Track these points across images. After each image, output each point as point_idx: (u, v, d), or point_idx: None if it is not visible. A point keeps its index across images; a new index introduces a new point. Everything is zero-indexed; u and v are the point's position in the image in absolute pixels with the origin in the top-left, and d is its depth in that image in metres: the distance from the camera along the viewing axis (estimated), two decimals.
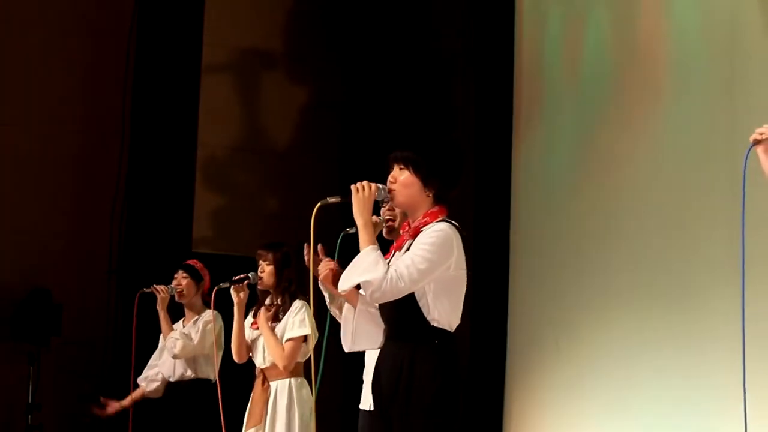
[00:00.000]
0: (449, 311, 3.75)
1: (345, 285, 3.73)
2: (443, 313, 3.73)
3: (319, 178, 9.43)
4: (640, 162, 7.01)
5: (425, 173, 3.80)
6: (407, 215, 3.92)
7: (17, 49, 8.93)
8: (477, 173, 8.38)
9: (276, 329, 5.73)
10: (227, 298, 5.80)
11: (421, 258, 3.66)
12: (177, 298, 6.82)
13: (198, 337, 6.65)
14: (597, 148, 7.41)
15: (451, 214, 3.84)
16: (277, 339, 5.70)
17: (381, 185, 3.82)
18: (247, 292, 5.81)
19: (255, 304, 5.88)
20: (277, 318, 5.75)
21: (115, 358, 8.75)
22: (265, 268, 5.79)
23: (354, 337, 3.94)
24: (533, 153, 7.93)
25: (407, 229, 3.87)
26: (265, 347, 5.76)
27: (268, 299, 5.85)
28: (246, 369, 5.95)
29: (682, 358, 6.53)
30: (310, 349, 5.72)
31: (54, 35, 9.06)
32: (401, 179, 3.82)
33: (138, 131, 9.21)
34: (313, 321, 5.53)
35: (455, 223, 3.79)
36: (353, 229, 3.86)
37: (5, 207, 8.79)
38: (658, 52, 7.02)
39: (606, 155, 7.31)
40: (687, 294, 6.55)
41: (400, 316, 3.74)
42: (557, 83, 7.83)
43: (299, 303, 5.72)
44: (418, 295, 3.71)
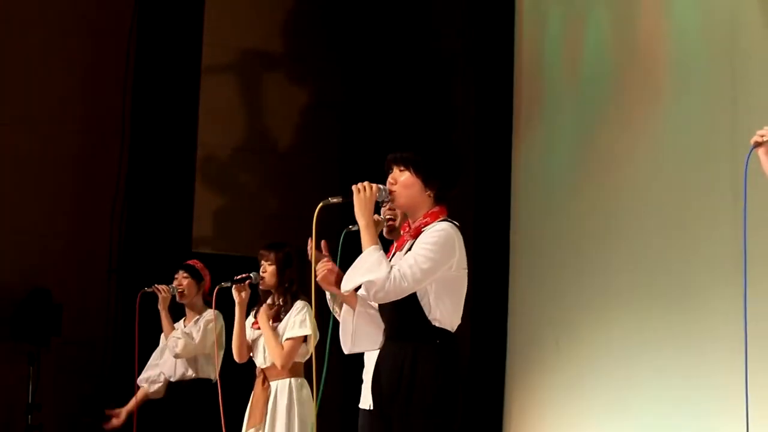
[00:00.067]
0: (451, 311, 3.75)
1: (348, 285, 3.73)
2: (445, 313, 3.73)
3: (319, 178, 9.42)
4: (640, 162, 7.01)
5: (426, 173, 3.80)
6: (407, 216, 3.93)
7: (17, 49, 8.92)
8: (477, 173, 8.39)
9: (276, 329, 5.73)
10: (228, 297, 5.80)
11: (424, 257, 3.66)
12: (178, 298, 6.81)
13: (199, 337, 6.64)
14: (597, 148, 7.41)
15: (451, 214, 3.85)
16: (277, 338, 5.70)
17: (382, 186, 3.82)
18: (249, 291, 5.81)
19: (256, 304, 5.89)
20: (279, 318, 5.75)
21: (116, 358, 8.74)
22: (267, 268, 5.79)
23: (354, 339, 3.93)
24: (533, 153, 7.93)
25: (408, 230, 3.87)
26: (265, 346, 5.76)
27: (269, 299, 5.86)
28: (247, 369, 5.95)
29: (682, 358, 6.53)
30: (309, 350, 5.73)
31: (54, 35, 9.05)
32: (402, 180, 3.82)
33: (138, 131, 9.21)
34: (314, 322, 5.52)
35: (456, 223, 3.79)
36: (355, 227, 3.86)
37: (5, 207, 8.78)
38: (658, 52, 7.02)
39: (606, 155, 7.31)
40: (687, 294, 6.55)
41: (401, 315, 3.74)
42: (557, 83, 7.83)
43: (301, 303, 5.73)
44: (419, 295, 3.71)
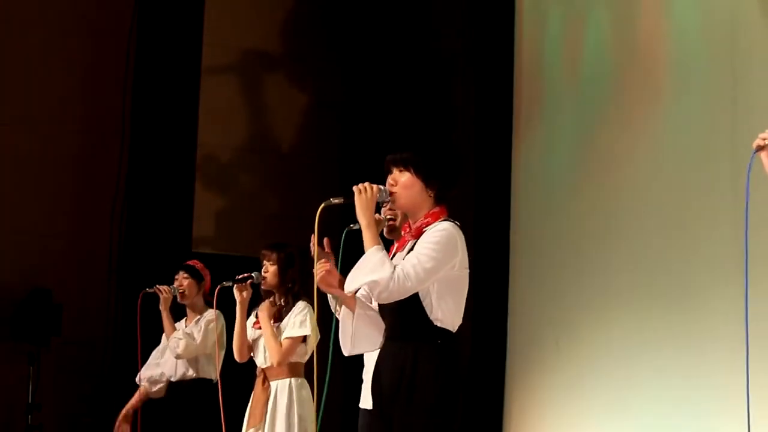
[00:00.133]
0: (453, 311, 3.75)
1: (352, 285, 3.72)
2: (447, 313, 3.73)
3: (320, 178, 9.42)
4: (640, 162, 7.01)
5: (426, 174, 3.80)
6: (408, 216, 3.92)
7: (17, 49, 8.91)
8: (477, 173, 8.38)
9: (277, 328, 5.73)
10: (229, 297, 5.80)
11: (427, 257, 3.66)
12: (179, 299, 6.82)
13: (201, 337, 6.64)
14: (597, 148, 7.41)
15: (451, 214, 3.85)
16: (276, 335, 5.71)
17: (382, 187, 3.82)
18: (250, 291, 5.82)
19: (258, 303, 5.89)
20: (280, 318, 5.75)
21: (116, 358, 8.74)
22: (269, 268, 5.79)
23: (353, 341, 3.93)
24: (533, 153, 7.93)
25: (409, 230, 3.87)
26: (264, 342, 5.77)
27: (271, 299, 5.85)
28: (247, 369, 5.95)
29: (682, 358, 6.53)
30: (308, 350, 5.73)
31: (54, 35, 9.05)
32: (402, 181, 3.81)
33: (138, 131, 9.20)
34: (315, 322, 5.52)
35: (458, 223, 3.79)
36: (356, 226, 3.86)
37: (5, 207, 8.78)
38: (658, 52, 7.02)
39: (606, 155, 7.31)
40: (687, 294, 6.55)
41: (403, 315, 3.74)
42: (557, 83, 7.83)
43: (302, 304, 5.73)
44: (421, 295, 3.70)
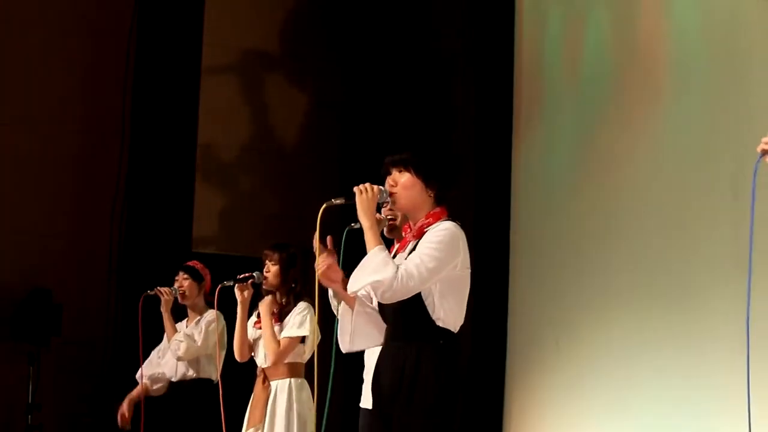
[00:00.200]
0: (455, 311, 3.75)
1: (355, 286, 3.73)
2: (449, 313, 3.74)
3: (320, 178, 9.42)
4: (640, 162, 7.01)
5: (426, 174, 3.81)
6: (408, 217, 3.93)
7: (17, 49, 8.91)
8: (477, 173, 8.38)
9: (277, 328, 5.74)
10: (230, 297, 5.80)
11: (430, 257, 3.67)
12: (180, 300, 6.82)
13: (201, 338, 6.64)
14: (597, 148, 7.41)
15: (451, 214, 3.85)
16: (274, 333, 5.71)
17: (383, 187, 3.83)
18: (251, 291, 5.82)
19: (258, 303, 5.88)
20: (281, 317, 5.75)
21: (116, 358, 8.74)
22: (271, 268, 5.79)
23: (352, 338, 3.94)
24: (533, 153, 7.93)
25: (409, 231, 3.87)
26: (262, 337, 5.77)
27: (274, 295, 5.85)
28: (248, 369, 5.95)
29: (682, 358, 6.53)
30: (307, 351, 5.73)
31: (54, 35, 9.05)
32: (402, 181, 3.82)
33: (138, 131, 9.20)
34: (315, 323, 5.52)
35: (459, 223, 3.80)
36: (357, 225, 3.87)
37: (5, 207, 8.78)
38: (658, 52, 7.02)
39: (606, 155, 7.31)
40: (687, 294, 6.55)
41: (405, 315, 3.75)
42: (557, 83, 7.83)
43: (303, 304, 5.73)
44: (423, 295, 3.71)
